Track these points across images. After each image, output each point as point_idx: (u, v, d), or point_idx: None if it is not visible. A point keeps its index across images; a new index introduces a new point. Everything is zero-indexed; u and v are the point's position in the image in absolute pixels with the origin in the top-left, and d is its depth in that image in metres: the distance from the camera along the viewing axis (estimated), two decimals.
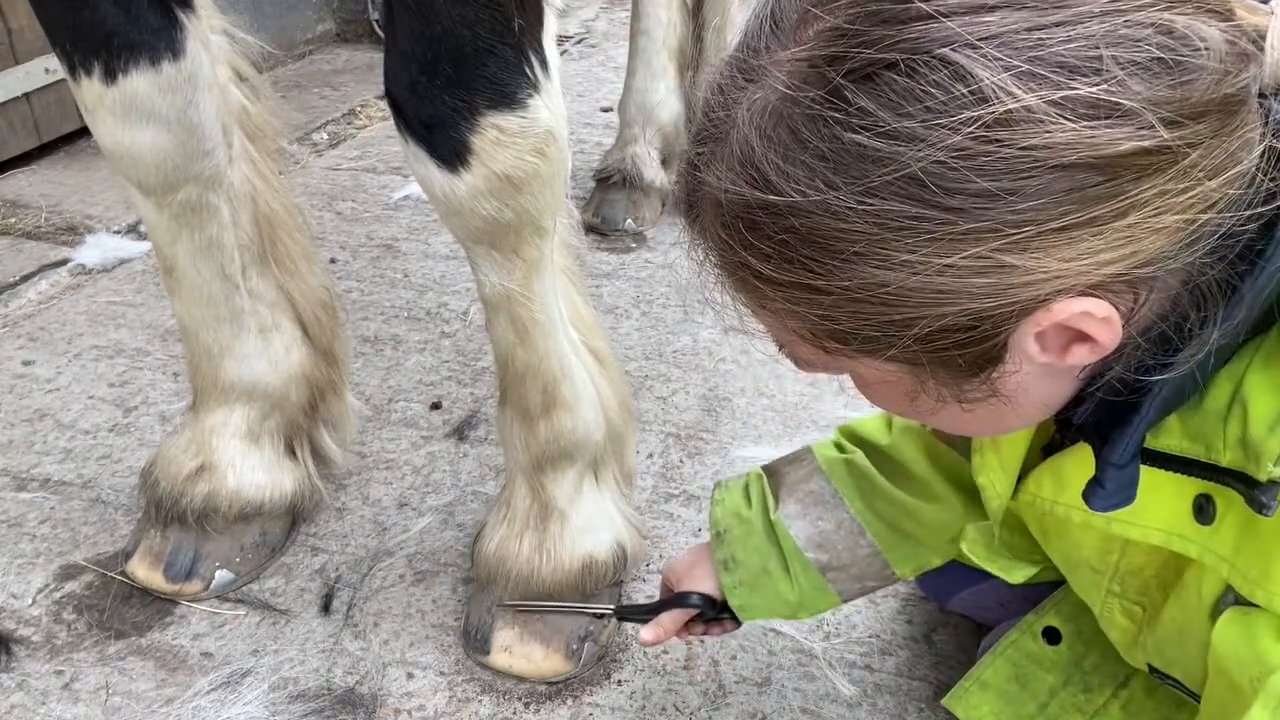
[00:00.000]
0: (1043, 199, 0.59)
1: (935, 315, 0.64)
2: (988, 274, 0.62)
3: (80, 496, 1.91)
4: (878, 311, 0.65)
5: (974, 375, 0.71)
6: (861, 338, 0.68)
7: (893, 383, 0.75)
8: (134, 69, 1.32)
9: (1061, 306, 0.63)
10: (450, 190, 1.22)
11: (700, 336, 2.47)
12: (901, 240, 0.62)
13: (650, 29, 3.04)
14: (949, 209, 0.60)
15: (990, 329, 0.65)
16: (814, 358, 0.77)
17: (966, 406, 0.74)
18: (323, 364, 1.76)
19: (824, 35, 0.63)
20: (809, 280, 0.66)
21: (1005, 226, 0.60)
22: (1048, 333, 0.66)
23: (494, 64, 1.14)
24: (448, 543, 1.80)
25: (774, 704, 1.50)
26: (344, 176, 3.40)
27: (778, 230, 0.65)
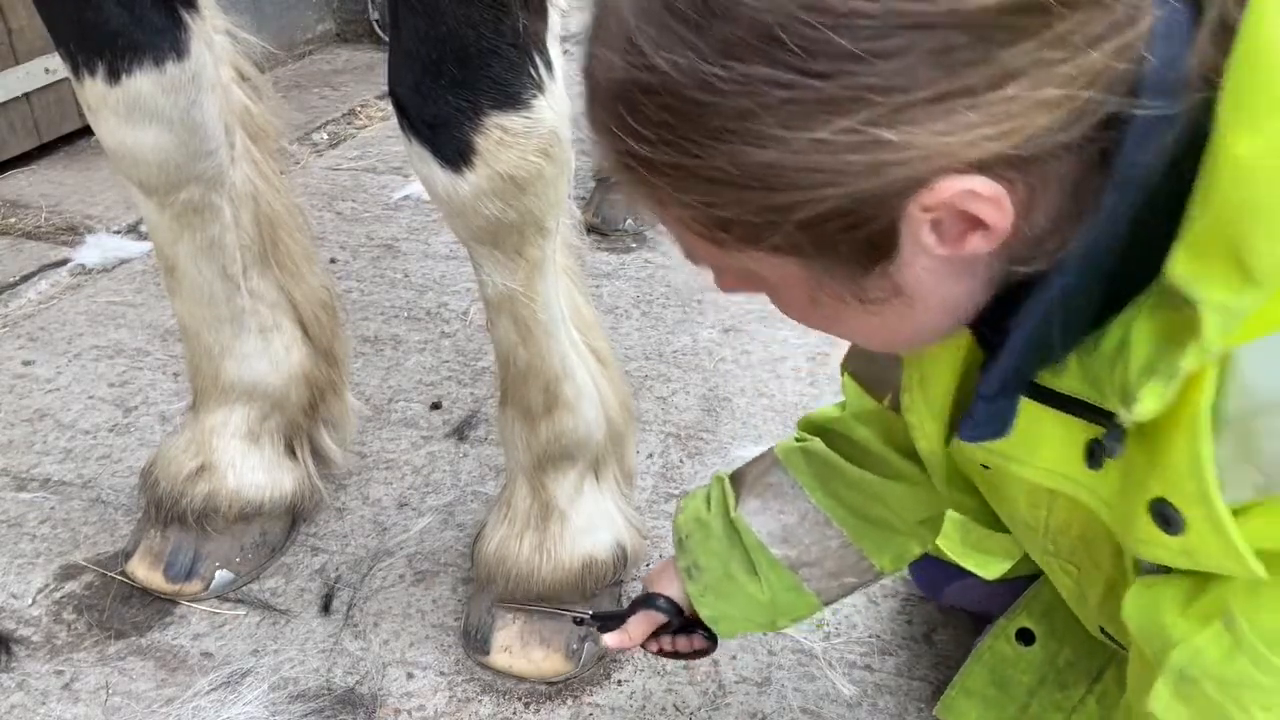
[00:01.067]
0: (908, 60, 0.56)
1: (815, 198, 0.62)
2: (863, 149, 0.60)
3: (80, 496, 1.91)
4: (758, 196, 0.64)
5: (869, 268, 0.68)
6: (745, 225, 0.67)
7: (793, 285, 0.73)
8: (138, 69, 1.32)
9: (945, 185, 0.60)
10: (454, 190, 1.22)
11: (700, 336, 2.47)
12: (771, 113, 0.60)
13: None
14: (812, 73, 0.58)
15: (872, 211, 0.63)
16: (712, 256, 0.75)
17: (871, 308, 0.73)
18: (323, 364, 1.76)
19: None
20: (688, 163, 0.65)
21: (873, 94, 0.58)
22: (943, 221, 0.64)
23: (498, 64, 1.14)
24: (448, 543, 1.80)
25: (774, 704, 1.50)
26: (344, 176, 3.40)
27: (656, 109, 0.64)
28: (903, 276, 0.68)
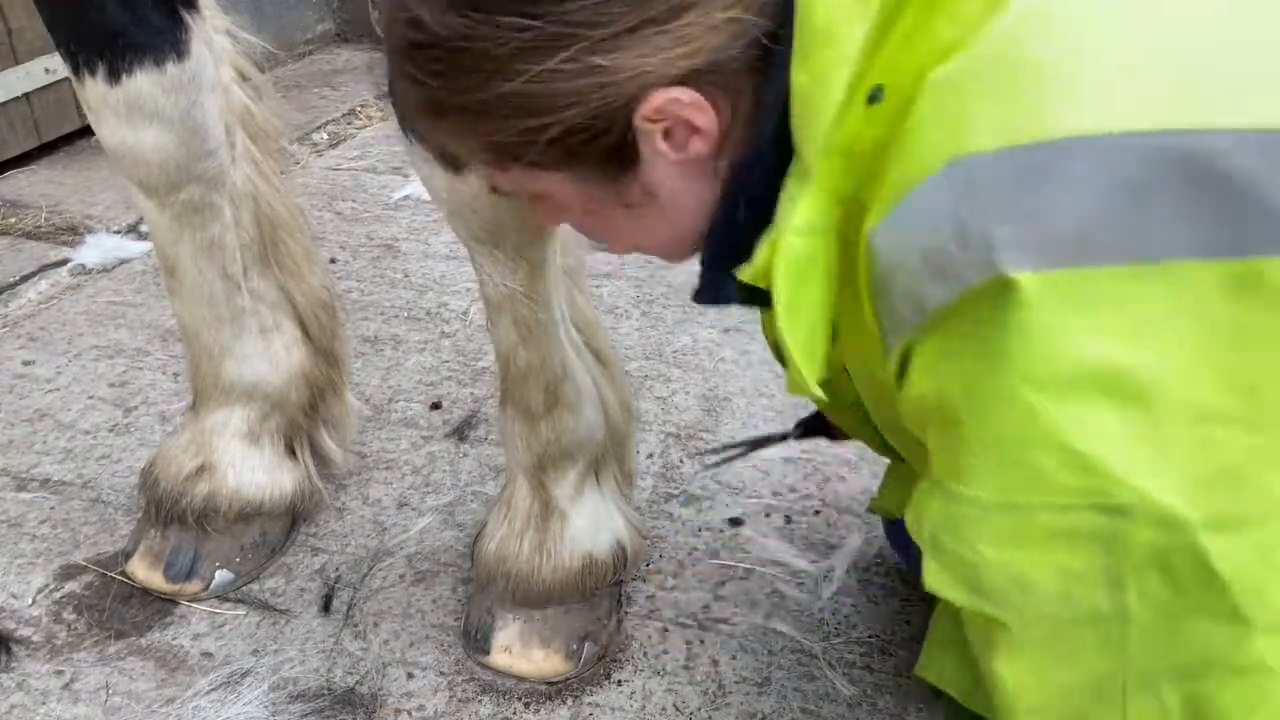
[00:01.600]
0: (608, 3, 0.74)
1: (557, 119, 0.79)
2: (587, 75, 0.76)
3: (80, 496, 1.91)
4: (515, 121, 0.80)
5: (620, 175, 0.85)
6: (511, 146, 0.83)
7: (567, 196, 0.89)
8: (138, 69, 1.32)
9: (656, 97, 0.77)
10: (453, 190, 1.22)
11: (700, 336, 2.47)
12: (512, 52, 0.77)
13: None
14: (534, 15, 0.75)
15: (605, 125, 0.79)
16: (504, 181, 0.92)
17: (635, 213, 0.89)
18: (323, 364, 1.76)
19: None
20: (461, 99, 0.81)
21: (582, 28, 0.75)
22: (671, 130, 0.80)
23: None
24: (448, 543, 1.80)
25: (774, 704, 1.50)
26: (344, 176, 3.40)
27: (430, 60, 0.81)
28: (650, 180, 0.85)
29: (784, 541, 1.81)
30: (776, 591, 1.70)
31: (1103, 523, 0.71)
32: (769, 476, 1.98)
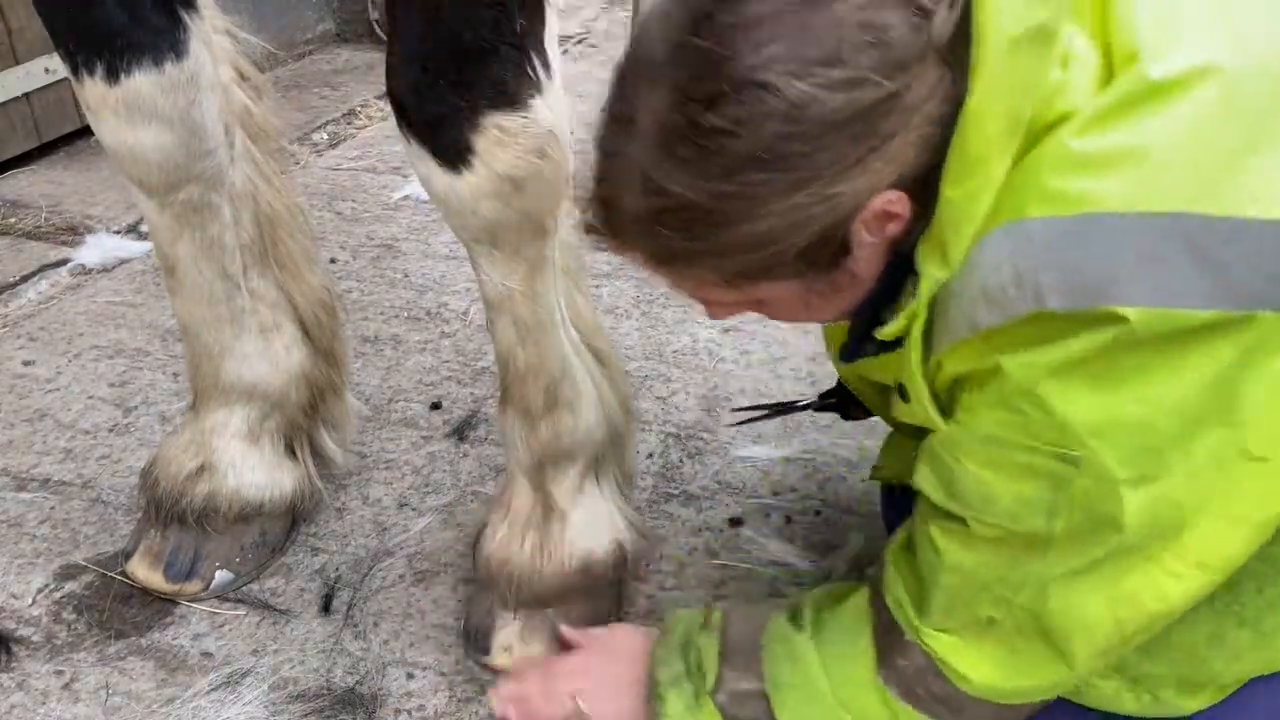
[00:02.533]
0: (839, 147, 0.90)
1: (803, 237, 0.95)
2: (826, 202, 0.93)
3: (80, 496, 1.91)
4: (764, 250, 0.96)
5: (836, 267, 1.00)
6: (758, 268, 0.99)
7: (789, 296, 1.06)
8: (137, 69, 1.32)
9: (875, 203, 0.94)
10: (452, 190, 1.22)
11: (700, 336, 2.47)
12: (762, 201, 0.92)
13: None
14: (786, 168, 0.91)
15: (835, 232, 0.96)
16: (728, 298, 1.08)
17: (839, 295, 1.06)
18: (323, 364, 1.76)
19: (676, 81, 0.92)
20: (711, 246, 0.97)
21: (823, 169, 0.91)
22: (870, 222, 0.96)
23: (496, 64, 1.14)
24: (448, 543, 1.80)
25: None
26: (344, 176, 3.40)
27: (681, 221, 0.96)
28: (856, 264, 1.01)
29: (784, 541, 1.81)
30: (777, 591, 1.70)
31: (1057, 467, 0.95)
32: (769, 476, 1.98)
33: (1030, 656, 1.08)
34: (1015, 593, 1.04)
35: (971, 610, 1.09)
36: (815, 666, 1.21)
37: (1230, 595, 1.11)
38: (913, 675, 1.16)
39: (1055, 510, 0.97)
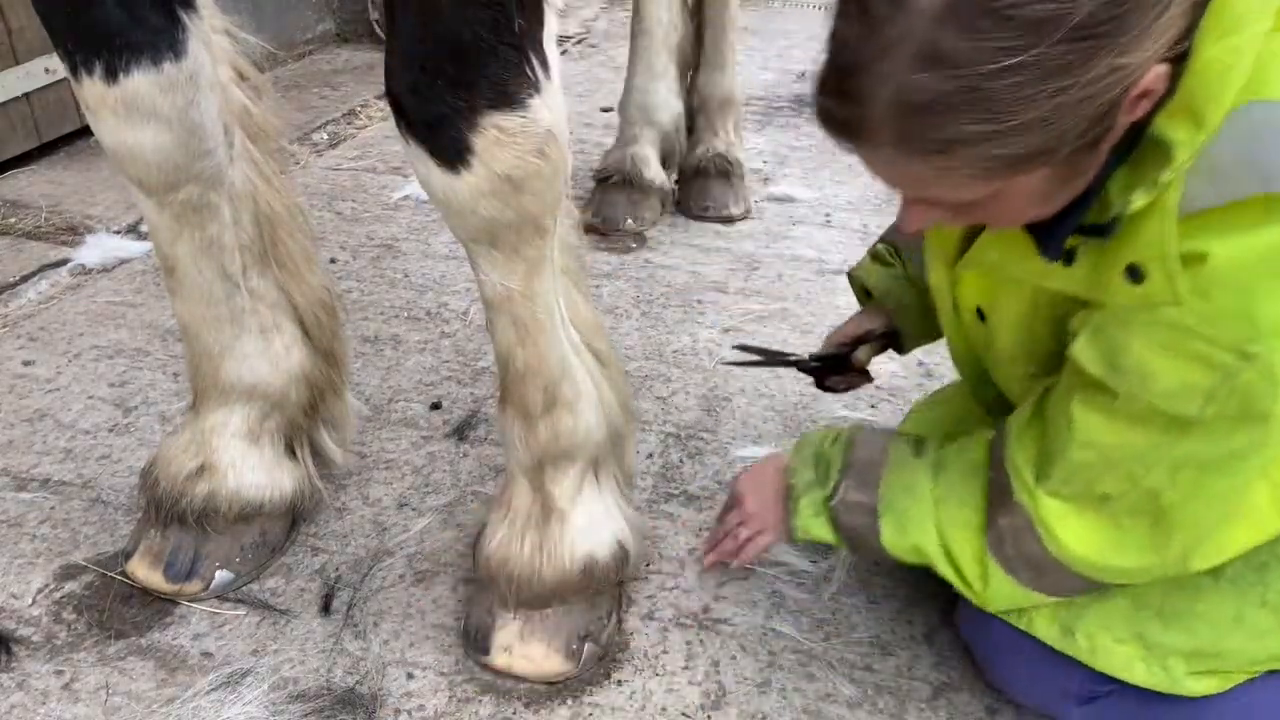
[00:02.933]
0: (1139, 10, 0.87)
1: (1085, 116, 0.91)
2: (1116, 73, 0.89)
3: (80, 496, 1.91)
4: (1051, 130, 0.91)
5: (1093, 148, 0.97)
6: (1035, 153, 0.93)
7: (1033, 188, 1.00)
8: (135, 69, 1.32)
9: (1147, 78, 0.92)
10: (451, 190, 1.22)
11: (700, 336, 2.47)
12: (1067, 71, 0.87)
13: (651, 29, 3.04)
14: (1089, 35, 0.86)
15: (1111, 109, 0.92)
16: (969, 194, 1.00)
17: (1075, 181, 1.02)
18: (323, 364, 1.76)
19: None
20: (996, 130, 0.90)
21: (1121, 36, 0.87)
22: (1134, 100, 0.93)
23: (494, 64, 1.14)
24: (448, 543, 1.80)
25: (774, 704, 1.50)
26: (344, 176, 3.40)
27: (969, 101, 0.89)
28: (1105, 145, 0.97)
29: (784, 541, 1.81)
30: (776, 591, 1.70)
31: (1230, 360, 0.98)
32: None
33: (1134, 537, 1.14)
34: (1146, 471, 1.09)
35: (1091, 485, 1.14)
36: (927, 502, 1.32)
37: (1257, 576, 1.18)
38: (1009, 533, 1.23)
39: (1213, 397, 1.00)
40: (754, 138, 3.81)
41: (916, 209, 1.08)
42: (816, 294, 2.69)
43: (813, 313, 2.59)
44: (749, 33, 5.20)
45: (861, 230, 3.09)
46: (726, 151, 3.18)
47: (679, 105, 3.16)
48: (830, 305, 2.63)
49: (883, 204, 3.28)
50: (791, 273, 2.81)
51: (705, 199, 3.14)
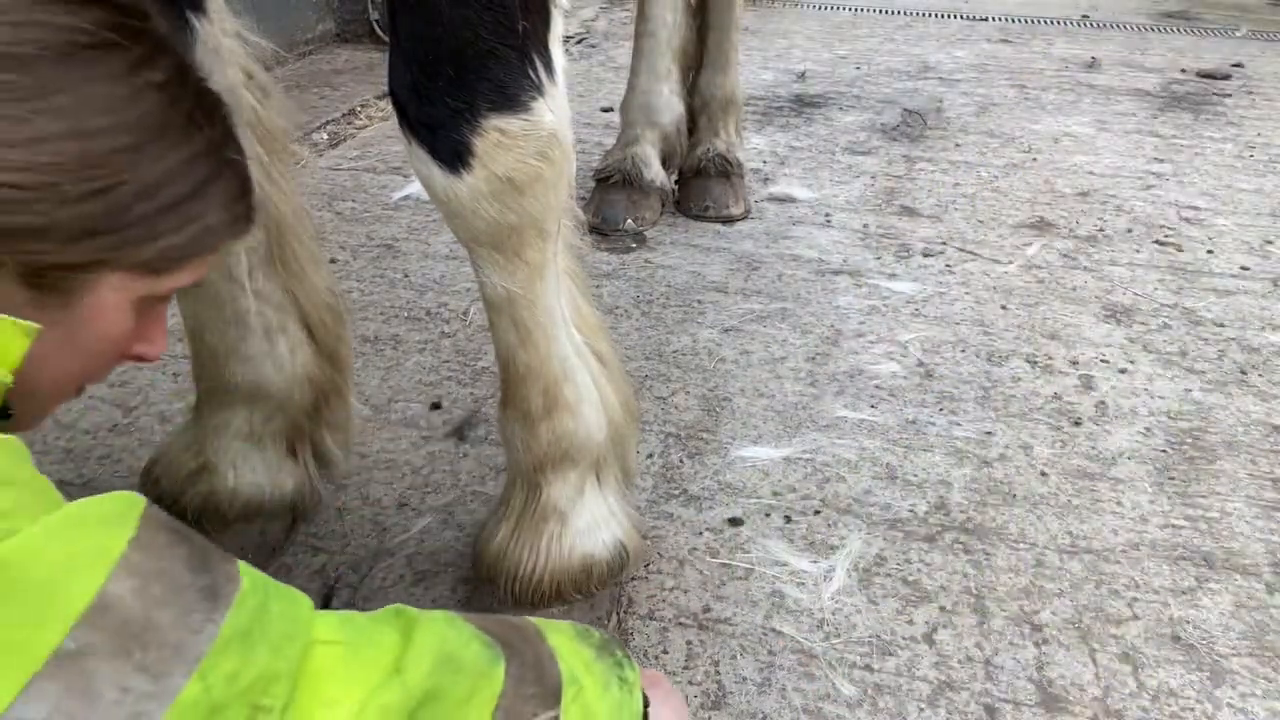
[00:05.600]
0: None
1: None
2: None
3: (80, 496, 1.90)
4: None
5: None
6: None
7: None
8: None
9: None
10: (452, 191, 1.22)
11: (700, 336, 2.47)
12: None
13: (655, 30, 3.04)
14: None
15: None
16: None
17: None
18: (327, 367, 1.76)
19: None
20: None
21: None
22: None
23: (497, 66, 1.14)
24: (448, 543, 1.80)
25: (774, 704, 1.50)
26: (344, 176, 3.41)
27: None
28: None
29: (784, 541, 1.81)
30: (776, 591, 1.71)
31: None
32: (769, 476, 1.98)
33: None
34: None
35: None
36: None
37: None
38: None
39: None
40: (754, 138, 3.81)
41: None
42: (816, 294, 2.69)
43: (813, 313, 2.60)
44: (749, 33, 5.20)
45: (861, 230, 3.09)
46: (727, 152, 3.19)
47: (681, 106, 3.16)
48: (830, 305, 2.63)
49: (882, 204, 3.28)
50: (791, 273, 2.81)
51: (705, 199, 3.14)
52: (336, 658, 0.85)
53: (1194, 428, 2.17)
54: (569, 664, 1.04)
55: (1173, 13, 6.30)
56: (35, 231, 0.79)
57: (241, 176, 0.95)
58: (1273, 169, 3.67)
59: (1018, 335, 2.52)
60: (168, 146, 0.85)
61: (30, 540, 0.72)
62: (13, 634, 0.70)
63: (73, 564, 0.73)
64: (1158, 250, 3.00)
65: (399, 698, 0.86)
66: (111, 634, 0.73)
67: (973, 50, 5.29)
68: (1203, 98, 4.51)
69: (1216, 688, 1.54)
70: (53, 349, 0.86)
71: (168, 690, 0.74)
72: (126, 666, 0.72)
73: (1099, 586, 1.73)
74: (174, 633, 0.75)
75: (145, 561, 0.77)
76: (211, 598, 0.79)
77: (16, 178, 0.77)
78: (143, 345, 0.97)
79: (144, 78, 0.84)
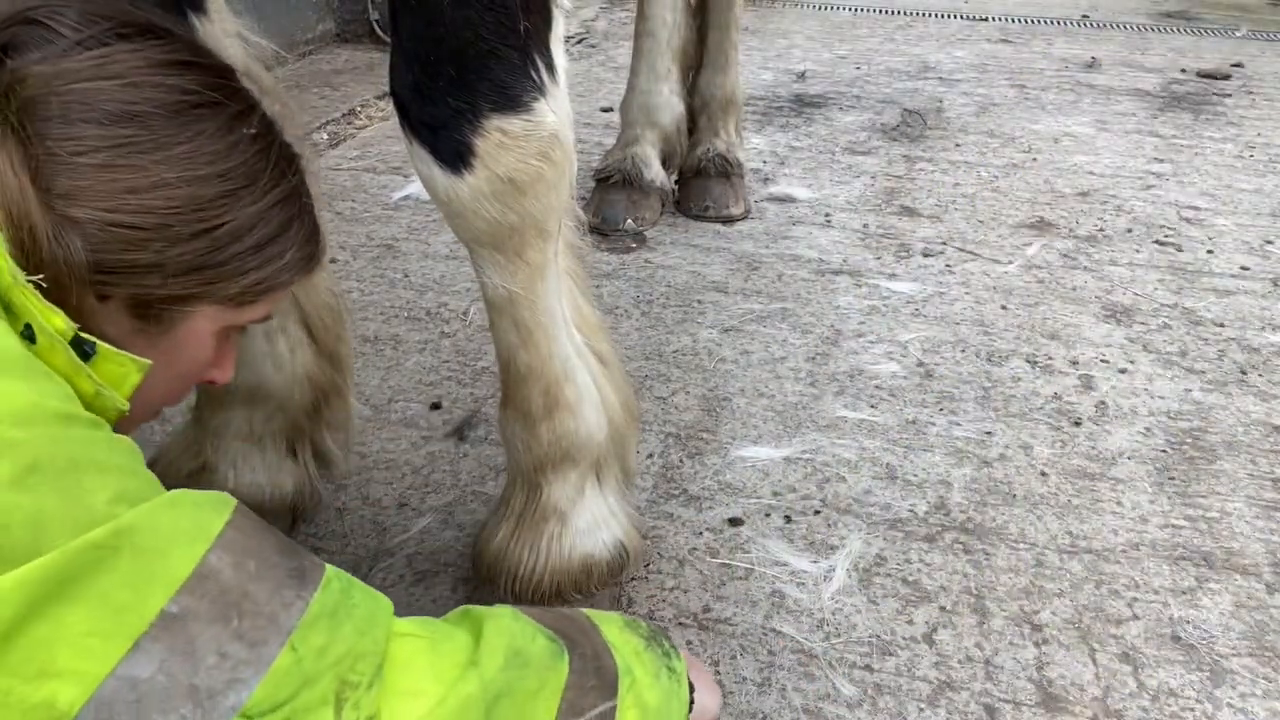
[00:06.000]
0: None
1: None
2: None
3: None
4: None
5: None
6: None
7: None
8: None
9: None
10: (453, 192, 1.22)
11: (700, 336, 2.47)
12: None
13: (655, 30, 3.04)
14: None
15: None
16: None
17: None
18: (327, 366, 1.76)
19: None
20: None
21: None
22: None
23: (498, 66, 1.14)
24: (448, 543, 1.81)
25: (774, 704, 1.50)
26: (344, 176, 3.41)
27: None
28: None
29: (784, 541, 1.82)
30: (776, 591, 1.71)
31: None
32: (769, 476, 1.98)
33: None
34: None
35: None
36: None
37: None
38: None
39: None
40: (754, 138, 3.82)
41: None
42: (816, 294, 2.69)
43: (813, 313, 2.60)
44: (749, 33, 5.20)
45: (861, 230, 3.09)
46: (727, 152, 3.19)
47: (681, 106, 3.16)
48: (830, 305, 2.63)
49: (882, 204, 3.29)
50: (791, 273, 2.81)
51: (705, 199, 3.14)
52: (418, 650, 0.90)
53: (1194, 428, 2.17)
54: (622, 655, 1.08)
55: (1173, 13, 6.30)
56: (149, 267, 0.90)
57: (314, 220, 1.06)
58: (1273, 169, 3.67)
59: (1018, 335, 2.52)
60: (260, 193, 0.96)
61: (144, 513, 0.79)
62: (122, 595, 0.75)
63: (177, 536, 0.80)
64: (1158, 250, 3.00)
65: (477, 690, 0.91)
66: (211, 601, 0.79)
67: (973, 50, 5.29)
68: (1203, 98, 4.51)
69: (1216, 688, 1.54)
70: (150, 374, 0.95)
71: (263, 658, 0.79)
72: (225, 633, 0.78)
73: (1099, 586, 1.73)
74: (268, 605, 0.81)
75: (241, 540, 0.83)
76: (300, 577, 0.86)
77: (138, 219, 0.88)
78: (216, 371, 1.08)
79: (240, 131, 0.96)
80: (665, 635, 1.18)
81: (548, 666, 0.99)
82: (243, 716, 0.77)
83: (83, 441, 0.81)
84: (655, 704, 1.07)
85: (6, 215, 0.85)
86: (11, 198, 0.85)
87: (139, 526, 0.78)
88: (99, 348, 0.89)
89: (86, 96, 0.87)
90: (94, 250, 0.87)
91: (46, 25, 0.89)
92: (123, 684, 0.74)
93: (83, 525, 0.75)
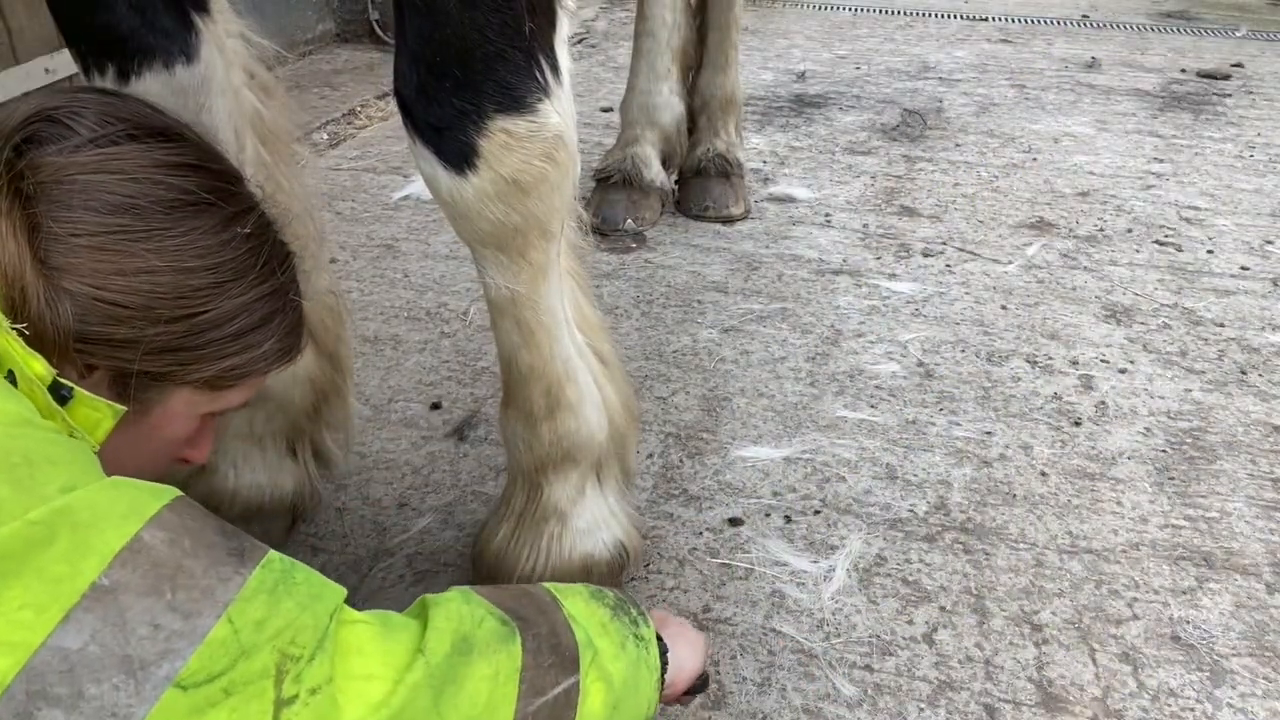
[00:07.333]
0: None
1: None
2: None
3: None
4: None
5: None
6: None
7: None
8: (147, 71, 1.32)
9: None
10: (457, 192, 1.22)
11: (700, 336, 2.47)
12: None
13: (655, 30, 3.05)
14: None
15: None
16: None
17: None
18: (327, 367, 1.76)
19: None
20: None
21: None
22: None
23: (503, 67, 1.14)
24: (448, 543, 1.81)
25: (774, 704, 1.50)
26: (344, 176, 3.41)
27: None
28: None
29: (784, 541, 1.82)
30: (776, 591, 1.71)
31: None
32: (769, 476, 1.98)
33: None
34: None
35: None
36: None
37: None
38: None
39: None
40: (754, 138, 3.82)
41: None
42: (816, 294, 2.69)
43: (813, 313, 2.60)
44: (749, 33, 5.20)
45: (861, 230, 3.10)
46: (727, 152, 3.19)
47: (681, 106, 3.16)
48: (830, 305, 2.63)
49: (882, 204, 3.29)
50: (791, 273, 2.81)
51: (705, 199, 3.14)
52: (370, 635, 0.92)
53: (1194, 428, 2.17)
54: (585, 628, 1.10)
55: (1173, 13, 6.31)
56: (127, 342, 0.96)
57: (298, 314, 1.12)
58: (1273, 169, 3.67)
59: (1018, 335, 2.52)
60: (246, 287, 1.03)
61: (84, 493, 0.82)
62: (57, 568, 0.77)
63: (112, 514, 0.82)
64: (1158, 250, 3.01)
65: (423, 677, 0.92)
66: (144, 574, 0.80)
67: (973, 50, 5.29)
68: (1203, 98, 4.51)
69: (1216, 688, 1.54)
70: (125, 444, 1.00)
71: (197, 630, 0.81)
72: (158, 605, 0.80)
73: (1099, 586, 1.73)
74: (204, 579, 0.83)
75: (177, 520, 0.86)
76: (239, 555, 0.88)
77: (122, 298, 0.94)
78: (191, 450, 1.13)
79: (233, 230, 1.02)
80: (633, 602, 1.19)
81: (496, 650, 1.00)
82: (178, 687, 0.78)
83: (39, 440, 0.85)
84: (621, 674, 1.09)
85: (1, 273, 0.92)
86: (9, 260, 0.91)
87: (77, 506, 0.81)
88: (75, 392, 0.94)
89: (89, 186, 0.95)
90: (79, 319, 0.93)
91: (65, 124, 0.97)
92: (54, 654, 0.75)
93: (32, 509, 0.78)
